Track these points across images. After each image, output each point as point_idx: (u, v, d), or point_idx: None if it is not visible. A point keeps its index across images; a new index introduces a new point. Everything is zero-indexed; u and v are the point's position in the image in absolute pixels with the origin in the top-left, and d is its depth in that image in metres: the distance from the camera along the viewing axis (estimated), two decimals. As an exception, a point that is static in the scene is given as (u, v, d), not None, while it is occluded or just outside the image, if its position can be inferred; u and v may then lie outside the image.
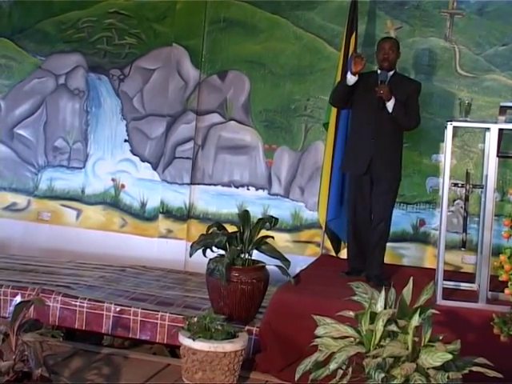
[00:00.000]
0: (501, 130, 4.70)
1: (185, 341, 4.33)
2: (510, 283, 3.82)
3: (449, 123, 4.78)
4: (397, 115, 5.15)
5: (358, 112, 5.41)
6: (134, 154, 7.08)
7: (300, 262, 5.99)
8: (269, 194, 6.70)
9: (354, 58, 5.16)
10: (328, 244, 6.25)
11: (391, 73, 5.29)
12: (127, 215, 7.09)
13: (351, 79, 5.16)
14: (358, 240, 5.41)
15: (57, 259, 6.62)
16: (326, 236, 6.23)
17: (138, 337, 5.10)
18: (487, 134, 4.94)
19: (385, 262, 5.36)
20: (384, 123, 5.19)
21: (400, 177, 5.33)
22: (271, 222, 5.20)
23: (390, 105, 5.13)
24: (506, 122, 4.71)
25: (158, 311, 5.06)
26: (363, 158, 5.24)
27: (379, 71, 5.32)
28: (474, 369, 3.28)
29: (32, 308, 4.55)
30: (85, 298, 5.22)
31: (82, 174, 7.24)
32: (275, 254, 5.04)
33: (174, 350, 5.16)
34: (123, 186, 7.10)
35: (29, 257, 6.65)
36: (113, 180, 7.14)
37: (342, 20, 6.25)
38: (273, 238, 5.20)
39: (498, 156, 4.73)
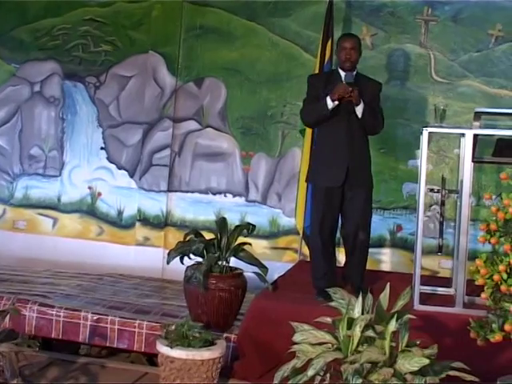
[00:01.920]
0: (475, 136, 4.73)
1: (162, 349, 4.30)
2: (486, 287, 3.85)
3: (424, 129, 4.80)
4: (366, 120, 4.92)
5: (328, 120, 4.99)
6: (111, 162, 7.04)
7: (278, 268, 5.98)
8: (246, 200, 6.69)
9: (345, 89, 4.79)
10: (306, 250, 6.23)
11: (354, 73, 4.97)
12: (104, 223, 7.04)
13: (331, 105, 4.84)
14: (326, 257, 5.06)
15: (33, 268, 6.56)
16: (303, 242, 6.23)
17: (115, 345, 5.06)
18: (462, 139, 4.97)
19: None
20: (355, 129, 4.95)
21: (373, 183, 5.15)
22: (248, 228, 5.20)
23: (359, 109, 4.88)
24: (480, 127, 4.74)
25: (136, 319, 5.03)
26: (339, 169, 4.94)
27: (342, 72, 4.98)
28: (451, 373, 3.29)
29: (7, 318, 4.49)
30: (61, 307, 5.18)
31: (57, 182, 7.18)
32: (253, 260, 5.04)
33: (151, 359, 5.14)
34: (100, 194, 7.07)
35: (4, 266, 6.57)
36: (89, 188, 7.09)
37: (317, 27, 6.27)
38: (250, 244, 5.20)
39: (473, 161, 4.76)
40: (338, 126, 4.96)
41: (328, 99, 4.85)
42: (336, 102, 4.83)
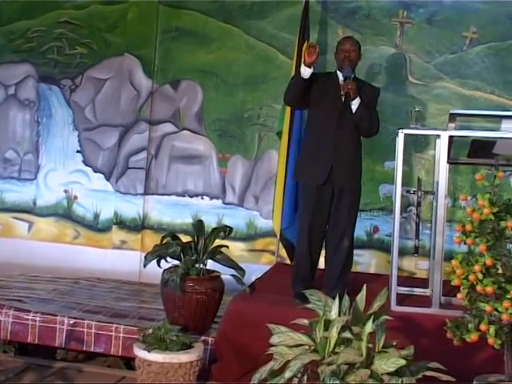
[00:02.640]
0: (451, 137, 4.77)
1: (140, 352, 4.28)
2: (462, 288, 3.88)
3: (400, 131, 4.83)
4: (361, 116, 4.82)
5: (316, 115, 4.99)
6: (87, 165, 7.00)
7: (255, 270, 5.97)
8: (223, 203, 6.68)
9: (307, 48, 4.73)
10: (283, 252, 6.25)
11: (352, 75, 4.92)
12: (80, 227, 6.99)
13: (305, 72, 4.72)
14: (311, 260, 4.97)
15: (8, 273, 6.49)
16: (280, 244, 6.24)
17: (92, 349, 5.03)
18: (438, 140, 5.01)
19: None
20: (346, 127, 4.86)
21: (361, 187, 5.05)
22: (225, 231, 5.20)
23: (355, 103, 4.80)
24: (455, 128, 4.78)
25: (113, 323, 5.01)
26: (322, 166, 4.86)
27: (339, 73, 4.96)
28: (428, 373, 3.31)
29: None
30: (37, 312, 5.14)
31: (33, 185, 7.12)
32: (230, 263, 5.04)
33: (129, 362, 5.10)
34: (76, 198, 7.02)
35: (-21, 271, 6.53)
36: (65, 191, 7.04)
37: (293, 29, 6.28)
38: (227, 247, 5.20)
39: (448, 162, 4.79)
40: (328, 123, 4.89)
41: (302, 66, 4.77)
42: (309, 70, 4.71)
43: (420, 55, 6.30)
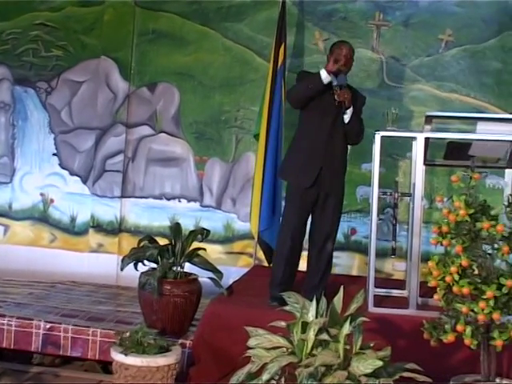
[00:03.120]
0: (427, 139, 4.79)
1: (117, 356, 4.26)
2: (438, 289, 3.90)
3: (376, 133, 4.86)
4: (352, 126, 4.88)
5: (310, 118, 4.92)
6: (63, 168, 6.95)
7: (233, 273, 5.99)
8: (200, 205, 6.67)
9: (338, 55, 4.76)
10: (261, 254, 6.25)
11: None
12: (56, 230, 6.94)
13: (326, 78, 4.73)
14: (292, 263, 4.97)
15: (-16, 277, 6.46)
16: (258, 246, 6.23)
17: (69, 354, 4.99)
18: (414, 142, 5.03)
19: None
20: (337, 133, 4.87)
21: (344, 192, 5.06)
22: (203, 233, 5.19)
23: (349, 113, 4.83)
24: (431, 130, 4.79)
25: (90, 327, 4.97)
26: (312, 170, 4.84)
27: (332, 76, 4.82)
28: (405, 374, 3.32)
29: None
30: (13, 316, 5.09)
31: (8, 188, 7.05)
32: (207, 266, 5.03)
33: (106, 366, 5.07)
34: (52, 201, 6.97)
35: (-46, 275, 6.47)
36: (41, 194, 6.99)
37: (270, 31, 6.28)
38: (205, 249, 5.19)
39: (424, 164, 4.82)
40: (321, 127, 4.87)
41: (322, 70, 4.76)
42: (329, 78, 4.71)
43: (396, 58, 6.34)
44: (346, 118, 4.85)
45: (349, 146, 5.12)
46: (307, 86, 4.85)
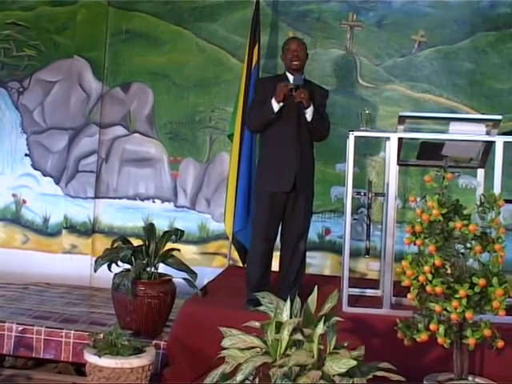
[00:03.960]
0: (400, 139, 4.82)
1: (90, 358, 4.23)
2: (412, 288, 3.92)
3: (350, 133, 4.87)
4: (315, 123, 4.80)
5: (275, 125, 4.84)
6: (36, 169, 6.90)
7: (207, 273, 5.98)
8: (175, 206, 6.65)
9: (280, 87, 4.69)
10: (235, 255, 6.25)
11: (303, 76, 4.85)
12: (29, 231, 6.89)
13: (277, 107, 4.72)
14: (265, 265, 4.93)
15: (-45, 279, 6.39)
16: (233, 247, 6.23)
17: (41, 356, 4.95)
18: (387, 142, 5.05)
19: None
20: (303, 134, 4.82)
21: (314, 192, 5.04)
22: (177, 234, 5.17)
23: (309, 112, 4.75)
24: (405, 131, 4.81)
25: (63, 329, 4.94)
26: (288, 174, 4.79)
27: (290, 75, 4.86)
28: (378, 373, 3.33)
29: None
30: (-15, 319, 5.05)
31: (-20, 189, 7.00)
32: (181, 266, 5.02)
33: (79, 368, 5.03)
34: (24, 202, 6.91)
35: None
36: (13, 195, 6.93)
37: (244, 32, 6.28)
38: (179, 250, 5.17)
39: (398, 164, 4.85)
40: (287, 131, 4.82)
41: (273, 101, 4.72)
42: (281, 104, 4.71)
43: (370, 58, 6.36)
44: (308, 116, 4.78)
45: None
46: (261, 118, 4.85)
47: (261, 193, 4.98)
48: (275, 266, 5.08)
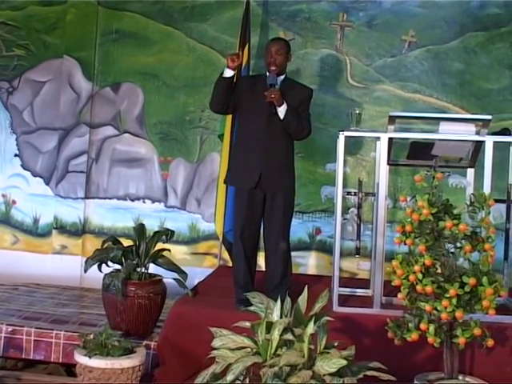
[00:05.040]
0: (390, 139, 4.83)
1: (81, 359, 4.22)
2: (402, 288, 3.93)
3: (341, 133, 4.87)
4: (288, 122, 4.76)
5: (244, 119, 4.97)
6: (25, 169, 6.87)
7: (198, 273, 5.96)
8: (165, 206, 6.64)
9: (228, 55, 4.78)
10: (226, 255, 6.25)
11: (282, 77, 4.89)
12: (19, 232, 6.86)
13: (226, 72, 4.73)
14: (247, 264, 4.92)
15: None
16: (223, 247, 6.22)
17: (31, 357, 4.94)
18: (378, 142, 5.06)
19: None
20: (275, 131, 4.80)
21: (294, 189, 5.01)
22: (167, 234, 5.17)
23: (281, 110, 4.73)
24: (395, 131, 4.82)
25: (53, 330, 4.94)
26: (253, 170, 4.81)
27: (268, 74, 4.88)
28: (369, 373, 3.33)
29: None
30: (-26, 320, 5.03)
31: (-31, 190, 6.97)
32: (172, 266, 5.01)
33: (70, 369, 5.01)
34: (14, 202, 6.88)
35: None
36: (3, 196, 6.90)
37: (234, 32, 6.28)
38: (169, 250, 5.16)
39: (388, 164, 4.86)
40: (256, 127, 4.83)
41: (225, 68, 4.76)
42: (232, 72, 4.72)
43: (360, 58, 6.37)
44: (281, 115, 4.77)
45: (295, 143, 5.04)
46: (215, 89, 4.90)
47: (238, 190, 5.02)
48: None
